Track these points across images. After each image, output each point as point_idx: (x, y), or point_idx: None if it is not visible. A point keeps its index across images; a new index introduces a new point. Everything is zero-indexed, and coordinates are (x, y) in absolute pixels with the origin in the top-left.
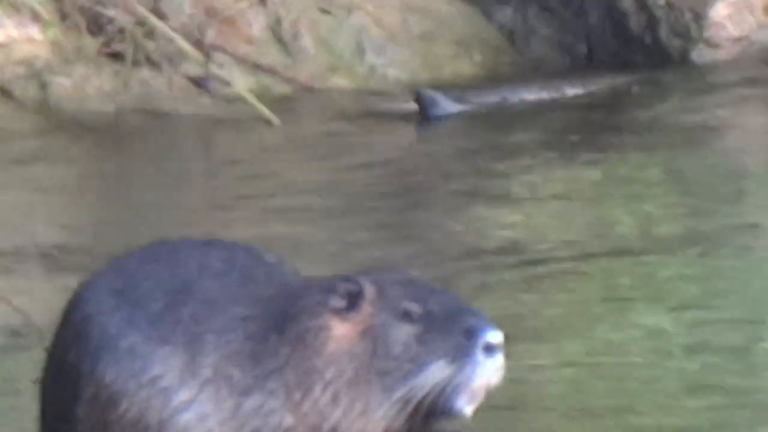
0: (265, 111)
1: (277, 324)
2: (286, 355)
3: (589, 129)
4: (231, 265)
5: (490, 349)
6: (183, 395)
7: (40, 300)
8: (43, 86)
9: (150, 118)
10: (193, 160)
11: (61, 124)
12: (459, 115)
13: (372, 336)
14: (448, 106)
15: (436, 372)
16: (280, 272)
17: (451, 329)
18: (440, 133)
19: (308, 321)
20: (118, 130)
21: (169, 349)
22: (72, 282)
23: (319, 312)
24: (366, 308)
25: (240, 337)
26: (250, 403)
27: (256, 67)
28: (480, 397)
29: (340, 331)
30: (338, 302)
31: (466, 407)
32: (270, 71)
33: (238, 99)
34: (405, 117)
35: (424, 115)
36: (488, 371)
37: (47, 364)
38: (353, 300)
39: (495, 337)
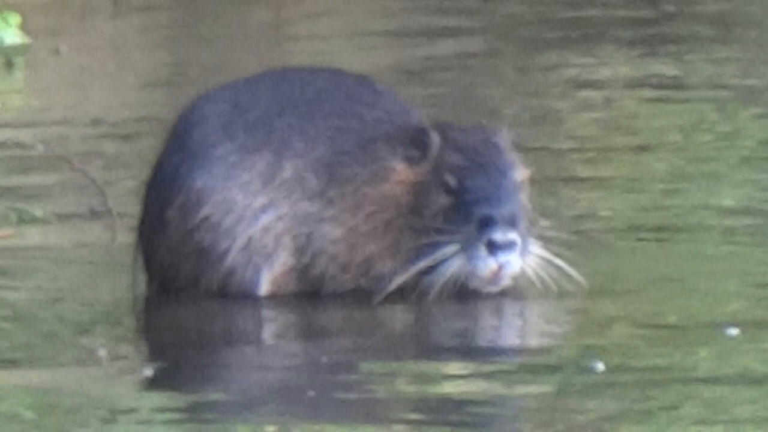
0: None
1: (359, 147)
2: (352, 176)
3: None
4: (337, 86)
5: (493, 246)
6: (262, 199)
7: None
8: None
9: None
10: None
11: None
12: None
13: (417, 192)
14: None
15: (447, 253)
16: (386, 101)
17: (471, 215)
18: None
19: (382, 156)
20: None
21: (257, 156)
22: None
23: (393, 153)
24: (425, 165)
25: (324, 148)
26: (311, 207)
27: None
28: (496, 283)
29: (401, 176)
30: (410, 151)
31: (484, 288)
32: None
33: None
34: None
35: None
36: (491, 266)
37: (151, 172)
38: (423, 151)
39: (501, 236)
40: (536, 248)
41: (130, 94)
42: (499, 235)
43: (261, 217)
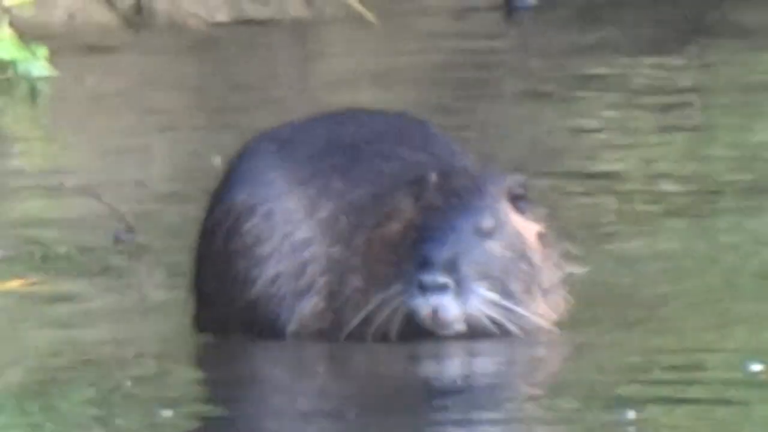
0: (362, 9)
1: (388, 192)
2: (374, 222)
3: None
4: (390, 129)
5: (424, 287)
6: (300, 234)
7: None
8: None
9: (242, 17)
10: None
11: (154, 21)
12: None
13: (402, 229)
14: None
15: (394, 291)
16: (437, 145)
17: (412, 256)
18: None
19: (397, 196)
20: (210, 30)
21: (302, 189)
22: None
23: (406, 192)
24: (417, 207)
25: (360, 191)
26: (341, 254)
27: None
28: (442, 327)
29: (404, 219)
30: (414, 190)
31: (438, 331)
32: None
33: None
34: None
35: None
36: (425, 308)
37: (207, 202)
38: (422, 190)
39: (430, 278)
40: (483, 291)
41: (152, 132)
42: (427, 278)
43: (296, 255)
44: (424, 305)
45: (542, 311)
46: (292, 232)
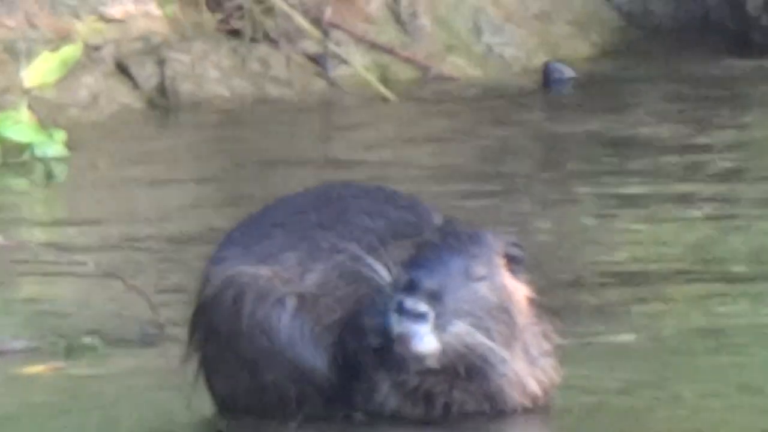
0: (383, 88)
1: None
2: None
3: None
4: (374, 189)
5: (401, 310)
6: (290, 304)
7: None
8: (161, 62)
9: (266, 97)
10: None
11: (178, 102)
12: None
13: None
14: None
15: (376, 312)
16: (421, 208)
17: (403, 276)
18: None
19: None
20: (234, 109)
21: (291, 253)
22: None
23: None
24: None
25: (341, 260)
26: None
27: (374, 46)
28: (412, 354)
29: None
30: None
31: (410, 358)
32: (387, 50)
33: (355, 77)
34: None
35: (550, 87)
36: (397, 330)
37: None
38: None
39: (410, 302)
40: (463, 326)
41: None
42: (409, 301)
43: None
44: (398, 326)
45: (526, 374)
46: (287, 301)
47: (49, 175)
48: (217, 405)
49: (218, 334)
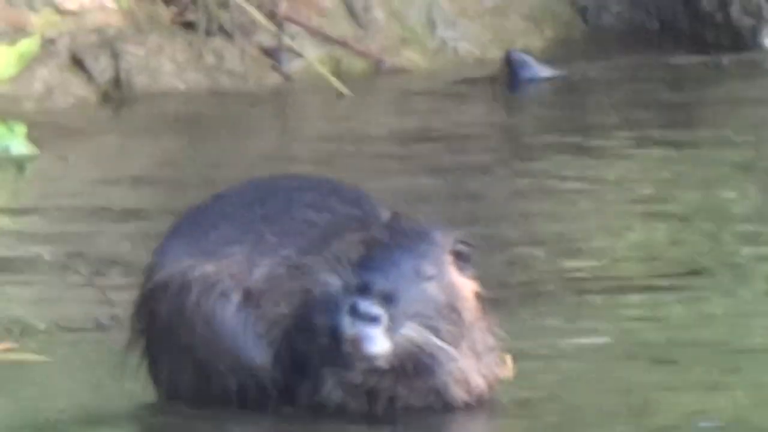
0: (337, 83)
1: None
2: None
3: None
4: (320, 182)
5: (354, 312)
6: (235, 298)
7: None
8: (115, 55)
9: (221, 90)
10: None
11: (132, 95)
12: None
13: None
14: (538, 70)
15: (326, 312)
16: (368, 202)
17: (356, 278)
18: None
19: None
20: (189, 102)
21: (237, 247)
22: None
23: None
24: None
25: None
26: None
27: (328, 39)
28: (364, 358)
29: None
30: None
31: (354, 355)
32: (341, 43)
33: (310, 70)
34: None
35: (514, 80)
36: (348, 329)
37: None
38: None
39: (364, 305)
40: (414, 327)
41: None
42: (363, 304)
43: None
44: (350, 329)
45: (473, 370)
46: (232, 294)
47: (20, 167)
48: (159, 395)
49: (161, 324)
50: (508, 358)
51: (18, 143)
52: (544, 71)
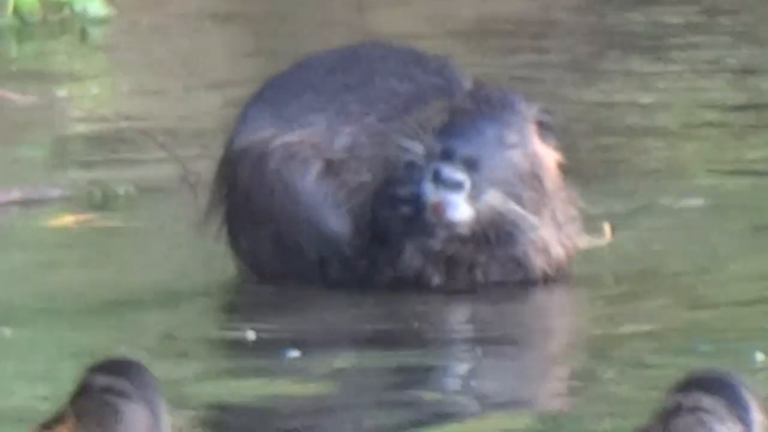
0: None
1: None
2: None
3: None
4: (405, 51)
5: (438, 178)
6: (316, 168)
7: None
8: None
9: None
10: None
11: None
12: None
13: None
14: None
15: (408, 180)
16: (451, 72)
17: (440, 143)
18: None
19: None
20: None
21: (319, 116)
22: None
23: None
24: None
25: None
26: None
27: None
28: (443, 221)
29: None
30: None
31: (438, 224)
32: None
33: None
34: None
35: None
36: (431, 196)
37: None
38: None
39: (448, 171)
40: (497, 194)
41: (206, 72)
42: (446, 170)
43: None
44: (433, 195)
45: (553, 239)
46: (313, 164)
47: (83, 35)
48: (239, 264)
49: (240, 192)
50: (607, 226)
51: (96, 5)
52: None
